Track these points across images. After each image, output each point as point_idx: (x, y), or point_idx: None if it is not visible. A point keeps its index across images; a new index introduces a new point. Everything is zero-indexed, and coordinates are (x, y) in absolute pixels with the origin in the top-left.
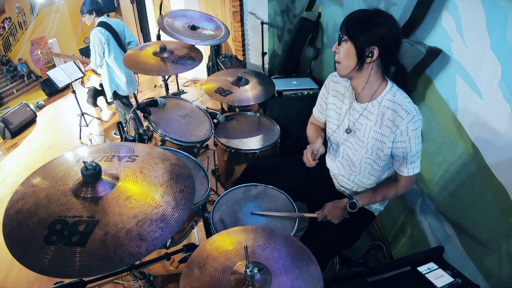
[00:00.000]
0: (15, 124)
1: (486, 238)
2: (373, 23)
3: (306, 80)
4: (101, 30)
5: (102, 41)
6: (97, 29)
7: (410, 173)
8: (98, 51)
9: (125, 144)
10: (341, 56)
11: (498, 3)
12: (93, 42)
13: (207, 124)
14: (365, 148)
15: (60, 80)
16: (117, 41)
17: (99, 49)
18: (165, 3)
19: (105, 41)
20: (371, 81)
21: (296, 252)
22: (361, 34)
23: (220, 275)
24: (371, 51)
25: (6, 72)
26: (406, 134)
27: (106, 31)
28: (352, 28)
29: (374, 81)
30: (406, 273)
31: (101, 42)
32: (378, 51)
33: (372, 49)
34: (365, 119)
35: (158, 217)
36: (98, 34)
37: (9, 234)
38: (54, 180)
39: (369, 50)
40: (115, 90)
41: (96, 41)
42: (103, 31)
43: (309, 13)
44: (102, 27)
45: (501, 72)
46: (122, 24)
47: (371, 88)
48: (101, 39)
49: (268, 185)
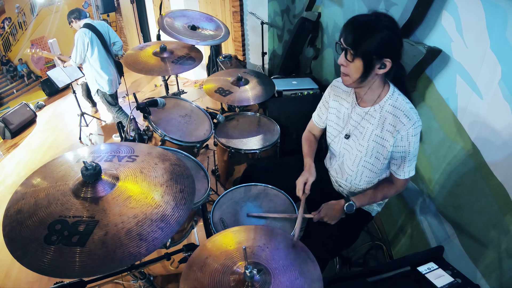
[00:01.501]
0: (15, 124)
1: (486, 238)
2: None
3: (306, 80)
4: (85, 31)
5: (86, 41)
6: (81, 30)
7: (406, 176)
8: (80, 51)
9: (125, 144)
10: (350, 71)
11: (498, 3)
12: (76, 41)
13: (207, 124)
14: (364, 152)
15: (60, 80)
16: (101, 42)
17: (81, 49)
18: (165, 3)
19: (89, 41)
20: (375, 86)
21: (295, 252)
22: (371, 51)
23: (220, 275)
24: (384, 63)
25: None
26: (407, 139)
27: (90, 31)
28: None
29: (377, 86)
30: (406, 273)
31: (83, 42)
32: (391, 62)
33: (384, 61)
34: (367, 122)
35: (158, 217)
36: (82, 35)
37: (9, 234)
38: (54, 180)
39: (381, 62)
40: (98, 88)
41: (80, 41)
42: (87, 32)
43: (309, 13)
44: (86, 28)
45: (501, 72)
46: (107, 26)
47: (373, 93)
48: (84, 40)
49: (268, 185)
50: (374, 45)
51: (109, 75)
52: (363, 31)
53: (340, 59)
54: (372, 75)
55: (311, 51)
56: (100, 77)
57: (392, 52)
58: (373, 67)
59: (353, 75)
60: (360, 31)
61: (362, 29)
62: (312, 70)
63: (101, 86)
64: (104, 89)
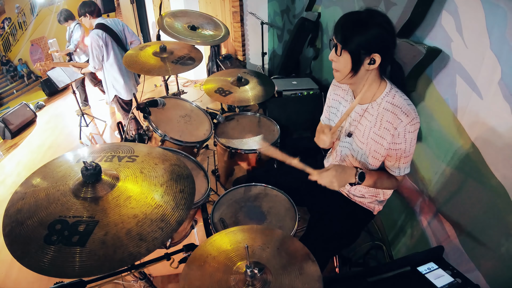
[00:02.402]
0: (15, 124)
1: (486, 238)
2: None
3: (306, 80)
4: (98, 33)
5: (100, 44)
6: (94, 31)
7: (401, 173)
8: (96, 54)
9: (125, 144)
10: (339, 65)
11: (498, 3)
12: (91, 45)
13: (207, 124)
14: (363, 149)
15: (60, 80)
16: (117, 42)
17: (96, 53)
18: (165, 3)
19: (103, 44)
20: (370, 83)
21: (296, 252)
22: (360, 46)
23: (220, 275)
24: (373, 58)
25: (6, 72)
26: (404, 136)
27: (103, 33)
28: (348, 37)
29: (373, 83)
30: (406, 273)
31: (98, 45)
32: (380, 58)
33: (373, 57)
34: (365, 120)
35: (158, 217)
36: (95, 38)
37: (9, 234)
38: (54, 180)
39: (370, 57)
40: (115, 94)
41: (94, 44)
42: (100, 33)
43: (309, 13)
44: (99, 29)
45: (501, 72)
46: (122, 23)
47: (370, 90)
48: (99, 42)
49: (268, 185)
50: (363, 40)
51: (126, 79)
52: (352, 26)
53: (331, 55)
54: (363, 71)
55: (311, 51)
56: (117, 82)
57: (382, 48)
58: (361, 62)
59: (342, 70)
60: (349, 26)
61: (352, 25)
62: (312, 70)
63: (119, 92)
64: (122, 95)
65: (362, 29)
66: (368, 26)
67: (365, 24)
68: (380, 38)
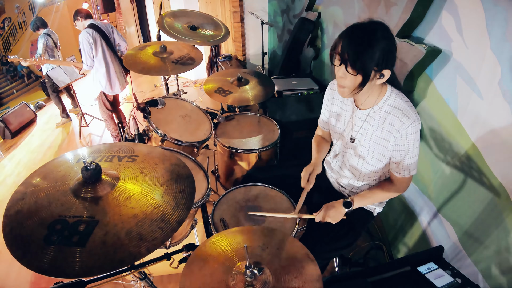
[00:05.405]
0: (15, 124)
1: (486, 238)
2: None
3: (306, 80)
4: (88, 31)
5: (90, 41)
6: (84, 30)
7: (406, 175)
8: (87, 51)
9: (125, 144)
10: (347, 83)
11: (498, 3)
12: (82, 43)
13: (207, 124)
14: (366, 153)
15: (60, 80)
16: (105, 41)
17: (88, 50)
18: (165, 3)
19: (92, 41)
20: (373, 90)
21: (296, 252)
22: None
23: (220, 275)
24: (382, 74)
25: (6, 72)
26: (406, 138)
27: (93, 31)
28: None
29: (376, 89)
30: (406, 273)
31: (88, 42)
32: (389, 72)
33: (383, 73)
34: (367, 124)
35: (158, 217)
36: (85, 35)
37: (9, 234)
38: (54, 180)
39: (380, 73)
40: (101, 90)
41: (84, 41)
42: (90, 31)
43: (309, 13)
44: (89, 28)
45: (501, 72)
46: (112, 27)
47: (372, 96)
48: (88, 39)
49: (268, 185)
50: (375, 58)
51: (113, 76)
52: (362, 44)
53: (339, 72)
54: (370, 85)
55: (311, 51)
56: (103, 78)
57: (391, 62)
58: (371, 79)
59: (349, 86)
60: (359, 44)
61: (361, 43)
62: (312, 70)
63: (105, 87)
64: (107, 90)
65: (373, 46)
66: (377, 42)
67: (373, 40)
68: (388, 53)
